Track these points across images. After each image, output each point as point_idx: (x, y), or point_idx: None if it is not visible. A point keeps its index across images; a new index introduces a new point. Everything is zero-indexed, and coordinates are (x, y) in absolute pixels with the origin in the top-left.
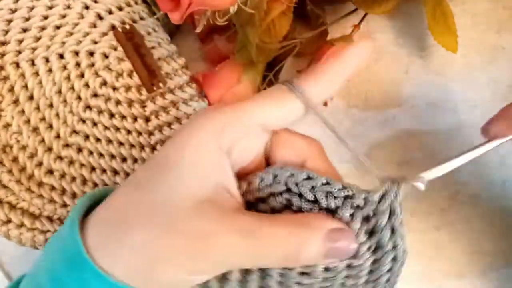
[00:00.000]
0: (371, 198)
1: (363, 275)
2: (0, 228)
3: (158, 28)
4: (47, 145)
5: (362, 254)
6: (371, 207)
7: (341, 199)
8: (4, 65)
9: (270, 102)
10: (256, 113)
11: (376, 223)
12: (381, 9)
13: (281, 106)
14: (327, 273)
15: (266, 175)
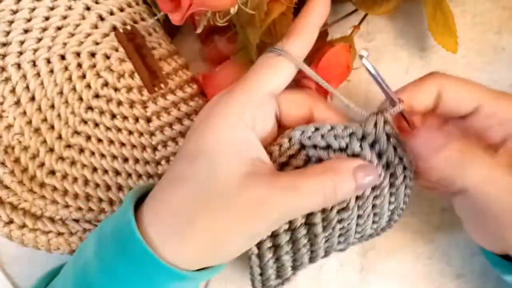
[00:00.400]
0: (368, 129)
1: (386, 191)
2: (2, 228)
3: (159, 29)
4: (49, 146)
5: (380, 173)
6: (372, 136)
7: (347, 137)
8: (5, 66)
9: (269, 71)
10: (262, 85)
11: (381, 146)
12: (381, 10)
13: (278, 71)
14: (359, 201)
15: (282, 141)
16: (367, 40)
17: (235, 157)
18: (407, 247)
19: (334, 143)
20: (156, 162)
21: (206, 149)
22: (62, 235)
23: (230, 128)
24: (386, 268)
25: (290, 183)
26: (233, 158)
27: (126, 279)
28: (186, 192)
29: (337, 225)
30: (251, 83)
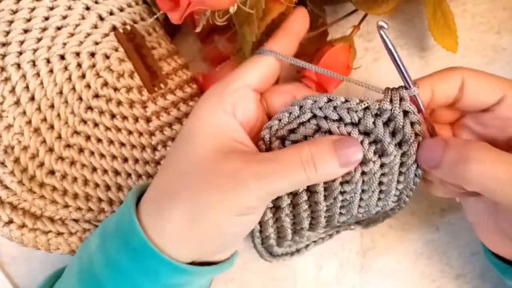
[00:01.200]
0: (385, 105)
1: (395, 170)
2: (2, 228)
3: (159, 29)
4: (49, 146)
5: (391, 152)
6: (387, 112)
7: (361, 112)
8: (5, 66)
9: (246, 67)
10: (242, 77)
11: (396, 124)
12: (381, 10)
13: (255, 65)
14: (364, 176)
15: (292, 108)
16: (367, 40)
17: (212, 137)
18: (407, 247)
19: (346, 116)
20: (156, 162)
21: (187, 132)
22: (61, 235)
23: (209, 113)
24: (386, 268)
25: (269, 156)
26: (210, 137)
27: (129, 272)
28: (168, 171)
29: (339, 196)
30: (229, 77)
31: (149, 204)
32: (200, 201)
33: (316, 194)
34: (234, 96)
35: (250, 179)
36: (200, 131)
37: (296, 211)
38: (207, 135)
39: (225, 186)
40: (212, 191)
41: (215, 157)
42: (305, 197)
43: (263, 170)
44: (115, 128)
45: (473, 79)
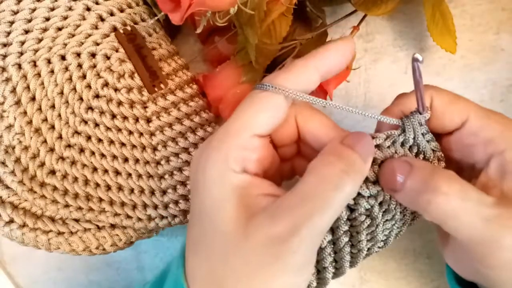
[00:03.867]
0: (409, 134)
1: None
2: (3, 228)
3: (159, 29)
4: (49, 146)
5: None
6: (410, 140)
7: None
8: (6, 66)
9: (252, 112)
10: (245, 127)
11: (419, 148)
12: (380, 11)
13: (262, 109)
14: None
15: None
16: (366, 40)
17: (232, 208)
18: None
19: (378, 155)
20: (156, 162)
21: (203, 210)
22: (62, 234)
23: (218, 182)
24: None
25: (292, 197)
26: (231, 210)
27: None
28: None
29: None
30: (236, 129)
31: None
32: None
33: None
34: (242, 152)
35: (289, 238)
36: (215, 203)
37: (337, 247)
38: (225, 208)
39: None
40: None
41: (243, 228)
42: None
43: (297, 217)
44: (116, 128)
45: (440, 100)
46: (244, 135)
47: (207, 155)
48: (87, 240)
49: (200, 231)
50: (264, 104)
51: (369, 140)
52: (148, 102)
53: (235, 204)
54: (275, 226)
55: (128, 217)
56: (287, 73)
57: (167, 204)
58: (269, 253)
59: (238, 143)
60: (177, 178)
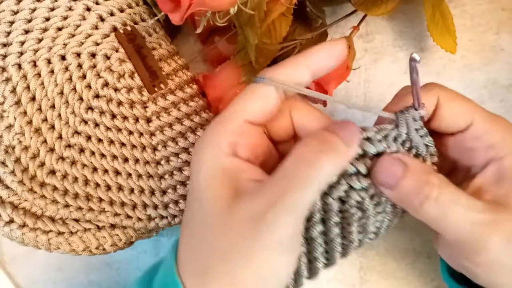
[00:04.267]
0: (402, 129)
1: None
2: (3, 228)
3: (159, 29)
4: (49, 146)
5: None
6: (403, 136)
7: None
8: (6, 66)
9: (244, 99)
10: (237, 114)
11: (411, 143)
12: (380, 11)
13: (254, 99)
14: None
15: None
16: (366, 40)
17: (219, 188)
18: (406, 246)
19: (369, 148)
20: (156, 162)
21: (194, 190)
22: (62, 234)
23: (209, 163)
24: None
25: (276, 177)
26: (218, 189)
27: None
28: (190, 237)
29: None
30: (224, 116)
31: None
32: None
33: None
34: (235, 135)
35: (266, 212)
36: (205, 185)
37: (328, 238)
38: (213, 188)
39: (247, 235)
40: (240, 249)
41: (227, 206)
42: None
43: (274, 193)
44: (116, 128)
45: (447, 101)
46: (235, 121)
47: (201, 139)
48: (87, 240)
49: (190, 212)
50: (255, 93)
51: (354, 127)
52: (148, 102)
53: (222, 184)
54: (255, 203)
55: (128, 217)
56: (279, 68)
57: (167, 204)
58: (248, 229)
59: (230, 128)
60: (177, 178)
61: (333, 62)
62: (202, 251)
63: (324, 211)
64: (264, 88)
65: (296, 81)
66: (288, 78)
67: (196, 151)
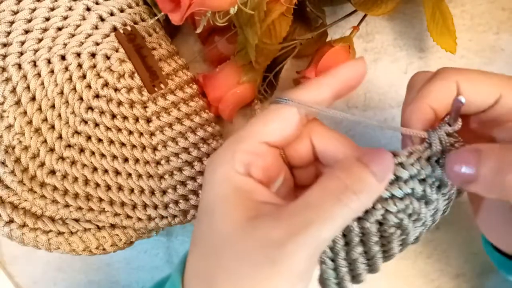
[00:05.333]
0: (435, 149)
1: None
2: (3, 228)
3: (159, 29)
4: (49, 146)
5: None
6: (438, 154)
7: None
8: (6, 66)
9: (263, 120)
10: (255, 133)
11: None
12: (380, 11)
13: (274, 120)
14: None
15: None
16: (366, 40)
17: (232, 207)
18: None
19: (402, 173)
20: (156, 162)
21: (206, 205)
22: (62, 234)
23: (222, 181)
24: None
25: (295, 206)
26: (230, 208)
27: None
28: (197, 255)
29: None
30: (245, 133)
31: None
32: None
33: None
34: (250, 155)
35: (286, 243)
36: (216, 202)
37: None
38: (225, 206)
39: (264, 261)
40: (253, 271)
41: (241, 228)
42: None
43: (297, 224)
44: (116, 128)
45: (468, 82)
46: (252, 140)
47: (215, 155)
48: (87, 240)
49: (200, 228)
50: (274, 114)
51: (387, 158)
52: (148, 102)
53: (235, 203)
54: (274, 230)
55: (128, 217)
56: (301, 89)
57: (167, 204)
58: (264, 255)
59: (245, 147)
60: (177, 178)
61: (355, 81)
62: (209, 269)
63: (363, 234)
64: (285, 110)
65: (318, 100)
66: (311, 99)
67: (209, 167)
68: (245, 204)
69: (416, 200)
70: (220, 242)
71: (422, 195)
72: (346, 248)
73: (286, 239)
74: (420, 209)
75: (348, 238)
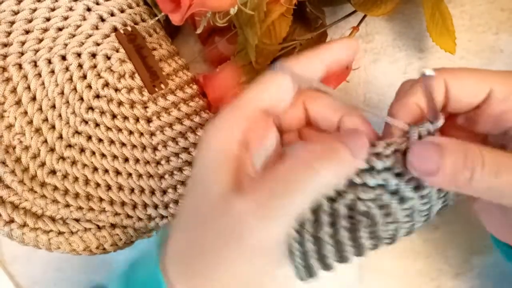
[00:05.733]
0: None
1: (434, 195)
2: (3, 228)
3: (160, 30)
4: (50, 146)
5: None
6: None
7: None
8: (6, 66)
9: (259, 87)
10: (253, 102)
11: None
12: (380, 11)
13: (269, 86)
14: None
15: None
16: (366, 41)
17: (224, 176)
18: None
19: (377, 164)
20: (156, 162)
21: (200, 175)
22: (62, 234)
23: (219, 148)
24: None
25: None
26: (222, 177)
27: None
28: (185, 231)
29: (385, 235)
30: (242, 101)
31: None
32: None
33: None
34: (245, 123)
35: (253, 218)
36: (210, 168)
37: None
38: (219, 175)
39: (229, 236)
40: (221, 249)
41: (224, 201)
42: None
43: (265, 196)
44: (116, 128)
45: (456, 80)
46: (249, 108)
47: (213, 124)
48: (87, 240)
49: (190, 198)
50: (271, 81)
51: (363, 140)
52: (149, 102)
53: (227, 173)
54: (242, 203)
55: (129, 216)
56: (295, 60)
57: (167, 203)
58: (231, 230)
59: (243, 114)
60: (177, 178)
61: (347, 58)
62: (191, 242)
63: (332, 215)
64: (281, 77)
65: (311, 72)
66: (303, 69)
67: (206, 134)
68: (235, 175)
69: (388, 193)
70: (207, 211)
71: (396, 189)
72: (314, 226)
73: (251, 213)
74: (390, 203)
75: (317, 215)
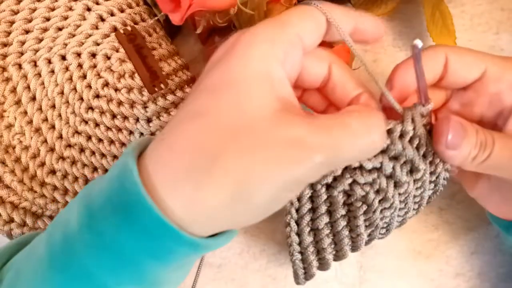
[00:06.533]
0: (408, 126)
1: (427, 181)
2: (3, 227)
3: (159, 30)
4: (50, 146)
5: (422, 167)
6: (410, 132)
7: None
8: (6, 66)
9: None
10: (296, 24)
11: (420, 141)
12: (380, 11)
13: (310, 17)
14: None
15: None
16: None
17: (267, 91)
18: (406, 246)
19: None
20: None
21: (233, 81)
22: None
23: (261, 60)
24: (385, 266)
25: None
26: (265, 91)
27: (134, 255)
28: (207, 126)
29: (380, 223)
30: (286, 20)
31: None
32: (250, 172)
33: (357, 220)
34: (287, 44)
35: (318, 152)
36: (250, 80)
37: (335, 229)
38: (259, 87)
39: (284, 156)
40: (266, 160)
41: (271, 117)
42: (344, 223)
43: (331, 140)
44: (116, 128)
45: (455, 55)
46: (291, 29)
47: (256, 31)
48: None
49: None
50: (309, 13)
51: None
52: (148, 102)
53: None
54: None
55: None
56: (331, 5)
57: None
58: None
59: (287, 35)
60: None
61: (372, 33)
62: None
63: (330, 204)
64: (317, 12)
65: (342, 24)
66: (336, 18)
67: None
68: (277, 93)
69: (384, 177)
70: (246, 120)
71: (391, 173)
72: (313, 217)
73: (318, 150)
74: (387, 188)
75: (316, 205)
